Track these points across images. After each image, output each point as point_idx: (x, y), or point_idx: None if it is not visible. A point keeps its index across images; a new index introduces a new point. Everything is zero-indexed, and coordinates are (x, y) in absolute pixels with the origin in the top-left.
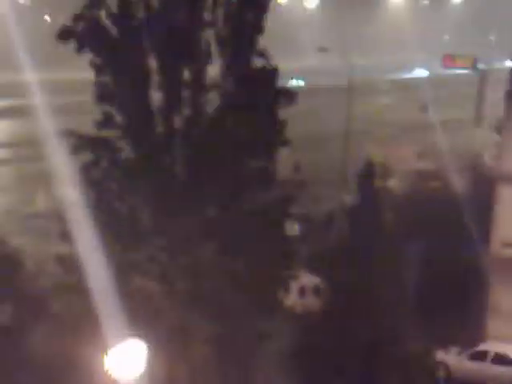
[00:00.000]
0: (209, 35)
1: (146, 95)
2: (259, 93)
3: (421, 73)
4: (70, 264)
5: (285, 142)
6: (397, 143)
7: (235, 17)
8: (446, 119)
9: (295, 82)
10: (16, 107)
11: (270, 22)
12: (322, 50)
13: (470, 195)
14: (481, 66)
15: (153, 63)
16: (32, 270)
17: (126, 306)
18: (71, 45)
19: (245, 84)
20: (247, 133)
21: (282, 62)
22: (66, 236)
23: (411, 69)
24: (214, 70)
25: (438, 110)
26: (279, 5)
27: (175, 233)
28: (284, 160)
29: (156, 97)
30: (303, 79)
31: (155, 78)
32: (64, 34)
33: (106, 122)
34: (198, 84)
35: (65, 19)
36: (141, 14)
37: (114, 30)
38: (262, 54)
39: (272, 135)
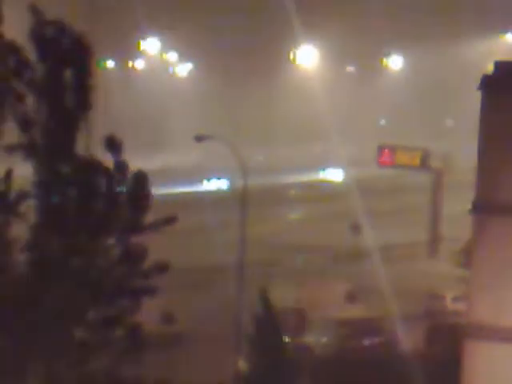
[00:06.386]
0: None
1: None
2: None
3: (344, 174)
4: None
5: (147, 290)
6: (316, 279)
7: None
8: (387, 244)
9: (213, 184)
10: None
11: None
12: (200, 139)
13: (426, 355)
14: (435, 163)
15: None
16: None
17: None
18: None
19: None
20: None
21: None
22: None
23: (331, 167)
24: None
25: (376, 229)
26: (134, 70)
27: None
28: (151, 306)
29: None
30: (228, 180)
31: None
32: None
33: None
34: None
35: None
36: None
37: None
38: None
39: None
